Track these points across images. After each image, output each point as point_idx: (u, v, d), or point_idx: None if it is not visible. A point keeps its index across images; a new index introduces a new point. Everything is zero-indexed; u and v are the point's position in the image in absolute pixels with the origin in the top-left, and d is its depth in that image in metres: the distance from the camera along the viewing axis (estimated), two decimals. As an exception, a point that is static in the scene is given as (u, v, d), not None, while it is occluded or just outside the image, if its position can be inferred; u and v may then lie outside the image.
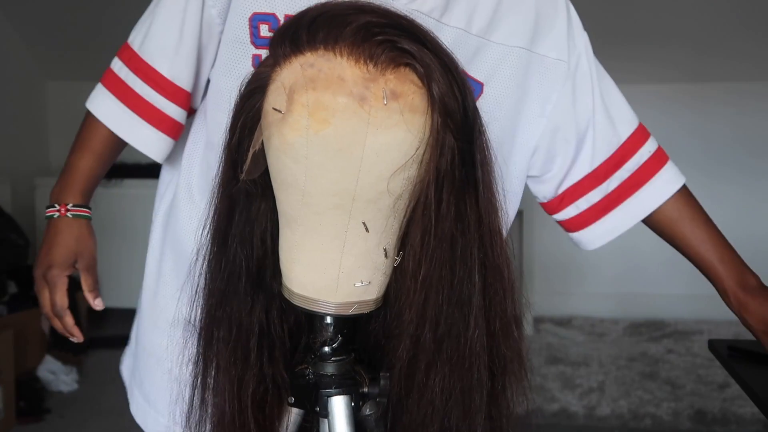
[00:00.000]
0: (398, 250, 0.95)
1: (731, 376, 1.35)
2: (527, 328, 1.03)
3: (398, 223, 0.93)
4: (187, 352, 1.04)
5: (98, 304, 1.20)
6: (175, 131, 1.21)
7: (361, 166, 0.87)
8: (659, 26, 3.85)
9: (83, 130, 1.23)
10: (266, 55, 0.93)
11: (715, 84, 4.14)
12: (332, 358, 1.00)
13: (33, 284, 1.21)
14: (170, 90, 1.18)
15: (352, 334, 1.01)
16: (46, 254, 1.19)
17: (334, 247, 0.92)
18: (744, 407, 3.12)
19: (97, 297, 1.20)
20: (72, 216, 1.20)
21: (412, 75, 0.87)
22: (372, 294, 0.96)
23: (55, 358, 3.43)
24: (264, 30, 1.10)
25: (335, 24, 0.87)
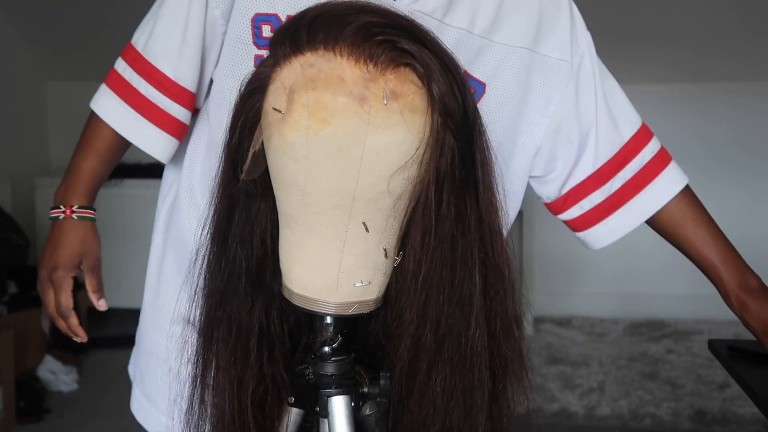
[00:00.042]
0: (398, 250, 0.95)
1: (731, 376, 1.35)
2: (527, 328, 1.03)
3: (398, 223, 0.93)
4: (187, 352, 1.04)
5: (102, 305, 1.20)
6: (180, 132, 1.21)
7: (361, 166, 0.87)
8: (659, 26, 3.85)
9: (87, 131, 1.23)
10: (266, 55, 0.93)
11: (716, 84, 4.14)
12: (332, 358, 0.99)
13: (33, 284, 1.21)
14: (174, 91, 1.18)
15: (352, 334, 1.01)
16: (51, 255, 1.19)
17: (334, 247, 0.92)
18: (744, 407, 3.12)
19: (101, 298, 1.20)
20: (77, 218, 1.20)
21: (412, 75, 0.87)
22: (372, 294, 0.96)
23: (55, 358, 3.42)
24: (266, 30, 1.10)
25: (335, 24, 0.87)
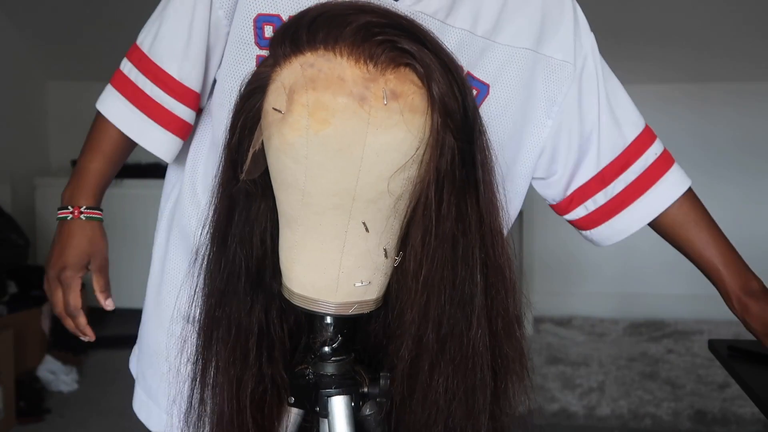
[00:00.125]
0: (399, 251, 0.95)
1: (731, 376, 1.35)
2: (528, 328, 1.03)
3: (399, 224, 0.93)
4: (187, 351, 1.05)
5: (109, 305, 1.21)
6: (184, 131, 1.22)
7: (361, 166, 0.87)
8: (660, 26, 3.85)
9: (93, 132, 1.24)
10: (267, 55, 0.93)
11: (716, 84, 4.14)
12: (332, 358, 0.99)
13: (33, 284, 1.21)
14: (179, 91, 1.19)
15: (352, 334, 1.01)
16: (60, 255, 1.19)
17: (334, 247, 0.92)
18: (744, 407, 3.12)
19: (109, 297, 1.21)
20: (85, 218, 1.21)
21: (412, 75, 0.87)
22: (372, 294, 0.96)
23: (55, 358, 3.42)
24: (268, 31, 1.10)
25: (335, 24, 0.87)
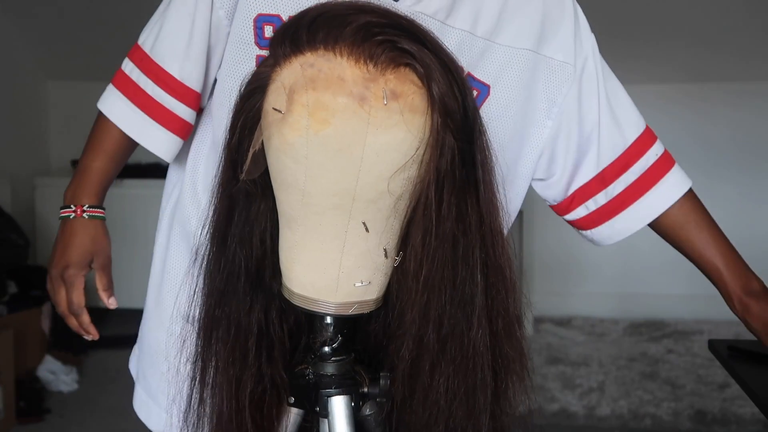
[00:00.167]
0: (399, 251, 0.95)
1: (731, 376, 1.35)
2: (528, 328, 1.03)
3: (399, 224, 0.93)
4: (186, 351, 1.05)
5: (112, 303, 1.21)
6: (185, 131, 1.22)
7: (361, 166, 0.87)
8: (660, 25, 3.85)
9: (95, 132, 1.24)
10: (267, 55, 0.93)
11: (716, 84, 4.14)
12: (332, 358, 1.00)
13: (33, 284, 1.22)
14: (180, 91, 1.19)
15: (353, 334, 1.01)
16: (63, 254, 1.19)
17: (334, 247, 0.92)
18: (744, 407, 3.12)
19: (111, 296, 1.21)
20: (88, 217, 1.21)
21: (412, 75, 0.87)
22: (372, 294, 0.96)
23: (55, 358, 3.42)
24: (268, 31, 1.10)
25: (335, 24, 0.87)
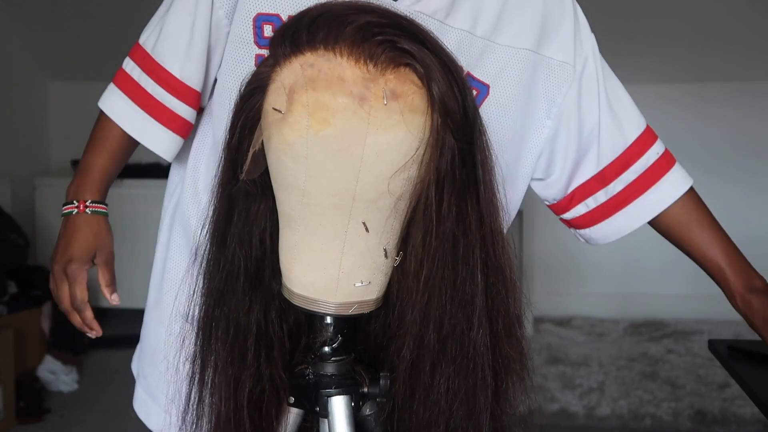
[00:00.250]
0: (399, 250, 0.95)
1: (731, 376, 1.35)
2: (528, 328, 1.03)
3: (399, 224, 0.93)
4: (185, 350, 1.05)
5: (115, 299, 1.20)
6: (185, 130, 1.22)
7: (361, 167, 0.87)
8: (660, 25, 3.85)
9: (97, 130, 1.24)
10: (266, 55, 0.93)
11: (716, 83, 4.14)
12: (332, 358, 1.00)
13: (33, 284, 1.21)
14: (181, 90, 1.19)
15: (353, 334, 1.01)
16: (65, 249, 1.19)
17: (334, 247, 0.92)
18: (744, 407, 3.12)
19: (114, 292, 1.20)
20: (91, 212, 1.20)
21: (412, 75, 0.87)
22: (372, 294, 0.96)
23: (55, 358, 3.42)
24: (268, 30, 1.11)
25: (335, 24, 0.87)
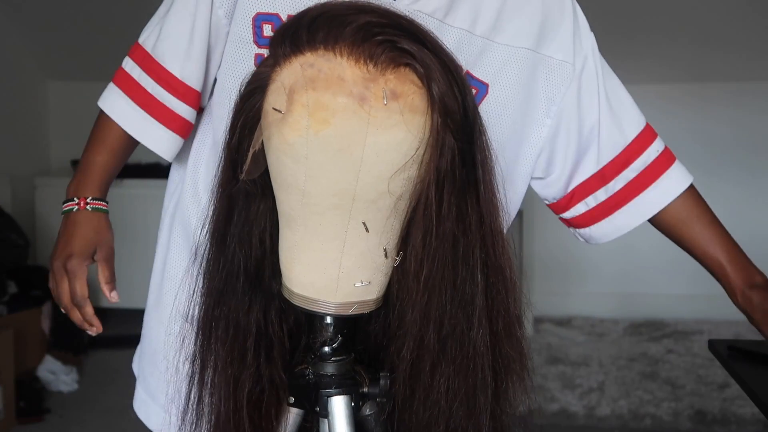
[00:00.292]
0: (399, 250, 0.95)
1: (731, 376, 1.34)
2: (528, 328, 1.03)
3: (399, 224, 0.93)
4: (185, 350, 1.05)
5: (114, 297, 1.20)
6: (185, 130, 1.22)
7: (361, 167, 0.87)
8: (660, 25, 3.85)
9: (97, 129, 1.24)
10: (266, 55, 0.93)
11: (717, 83, 4.14)
12: (332, 358, 1.00)
13: (33, 284, 1.21)
14: (181, 90, 1.19)
15: (353, 334, 1.01)
16: (66, 245, 1.18)
17: (334, 247, 0.92)
18: (744, 407, 3.12)
19: (114, 289, 1.20)
20: (91, 209, 1.20)
21: (412, 75, 0.87)
22: (372, 294, 0.96)
23: (55, 358, 3.42)
24: (267, 30, 1.11)
25: (335, 24, 0.87)
